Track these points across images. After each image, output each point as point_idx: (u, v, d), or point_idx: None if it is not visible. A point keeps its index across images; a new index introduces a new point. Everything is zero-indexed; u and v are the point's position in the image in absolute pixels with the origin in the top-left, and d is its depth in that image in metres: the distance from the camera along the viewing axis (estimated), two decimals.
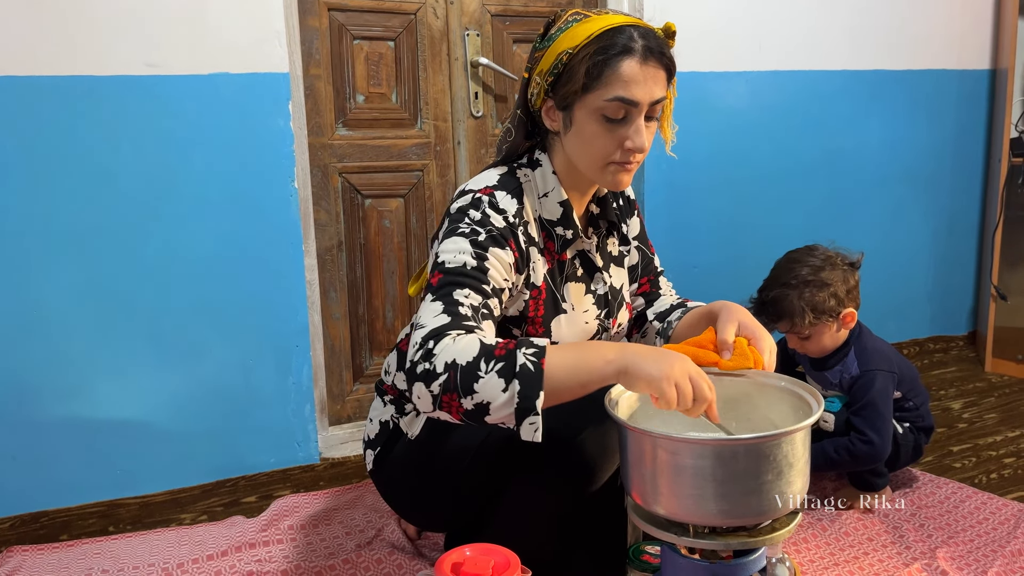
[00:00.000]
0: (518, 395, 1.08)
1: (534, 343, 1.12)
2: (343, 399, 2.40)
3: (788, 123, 2.77)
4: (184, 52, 1.97)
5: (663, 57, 1.25)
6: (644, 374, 1.09)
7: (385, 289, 2.42)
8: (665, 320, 1.53)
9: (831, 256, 1.86)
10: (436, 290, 1.20)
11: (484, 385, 1.08)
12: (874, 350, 1.88)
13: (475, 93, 2.44)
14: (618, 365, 1.10)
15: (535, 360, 1.09)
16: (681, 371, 1.09)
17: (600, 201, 1.47)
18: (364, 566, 1.67)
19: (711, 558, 1.17)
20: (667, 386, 1.07)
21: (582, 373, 1.11)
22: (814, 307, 1.80)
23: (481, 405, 1.09)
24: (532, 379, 1.08)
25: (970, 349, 3.17)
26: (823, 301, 1.80)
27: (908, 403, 1.91)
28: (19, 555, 1.76)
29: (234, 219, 2.07)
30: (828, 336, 1.86)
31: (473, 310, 1.19)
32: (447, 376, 1.09)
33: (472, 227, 1.25)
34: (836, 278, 1.82)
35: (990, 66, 3.06)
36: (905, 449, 1.89)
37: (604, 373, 1.11)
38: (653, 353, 1.11)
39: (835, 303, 1.81)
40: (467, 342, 1.11)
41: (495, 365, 1.09)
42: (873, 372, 1.83)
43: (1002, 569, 1.60)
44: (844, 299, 1.83)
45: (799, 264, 1.84)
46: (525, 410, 1.08)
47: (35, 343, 1.92)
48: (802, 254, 1.87)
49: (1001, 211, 2.90)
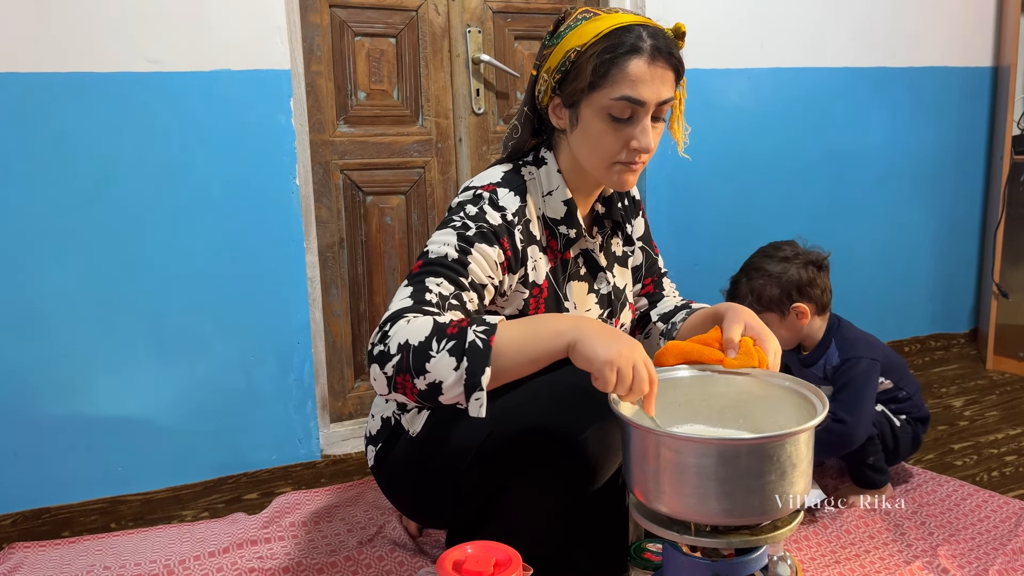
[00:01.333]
0: (466, 372, 1.08)
1: (486, 320, 1.12)
2: (344, 396, 2.40)
3: (790, 120, 2.76)
4: (185, 49, 1.97)
5: (671, 57, 1.24)
6: (590, 351, 1.09)
7: (386, 286, 2.42)
8: (669, 321, 1.53)
9: (790, 251, 1.89)
10: (412, 277, 1.22)
11: (436, 364, 1.09)
12: (856, 339, 1.91)
13: (476, 90, 2.44)
14: (568, 338, 1.11)
15: (484, 337, 1.09)
16: (627, 358, 1.09)
17: (606, 201, 1.47)
18: (365, 563, 1.67)
19: (713, 556, 1.17)
20: (608, 369, 1.07)
21: (532, 348, 1.11)
22: (758, 296, 1.86)
23: (433, 385, 1.09)
24: (480, 356, 1.08)
25: (971, 347, 3.17)
26: (763, 288, 1.86)
27: (901, 393, 1.92)
28: (21, 551, 1.77)
29: (235, 216, 2.06)
30: (785, 329, 1.88)
31: (441, 298, 1.19)
32: (400, 357, 1.10)
33: (464, 222, 1.26)
34: (786, 271, 1.85)
35: (992, 63, 3.06)
36: (904, 441, 1.89)
37: (555, 346, 1.11)
38: (606, 333, 1.11)
39: (779, 294, 1.85)
40: (420, 323, 1.12)
41: (446, 344, 1.09)
42: (856, 359, 1.85)
43: (1003, 567, 1.60)
44: (792, 293, 1.85)
45: (759, 255, 1.91)
46: (471, 387, 1.08)
47: (37, 340, 1.92)
48: (769, 246, 1.93)
49: (1003, 209, 2.89)
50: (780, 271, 1.86)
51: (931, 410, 2.49)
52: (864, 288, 2.95)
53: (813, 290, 1.87)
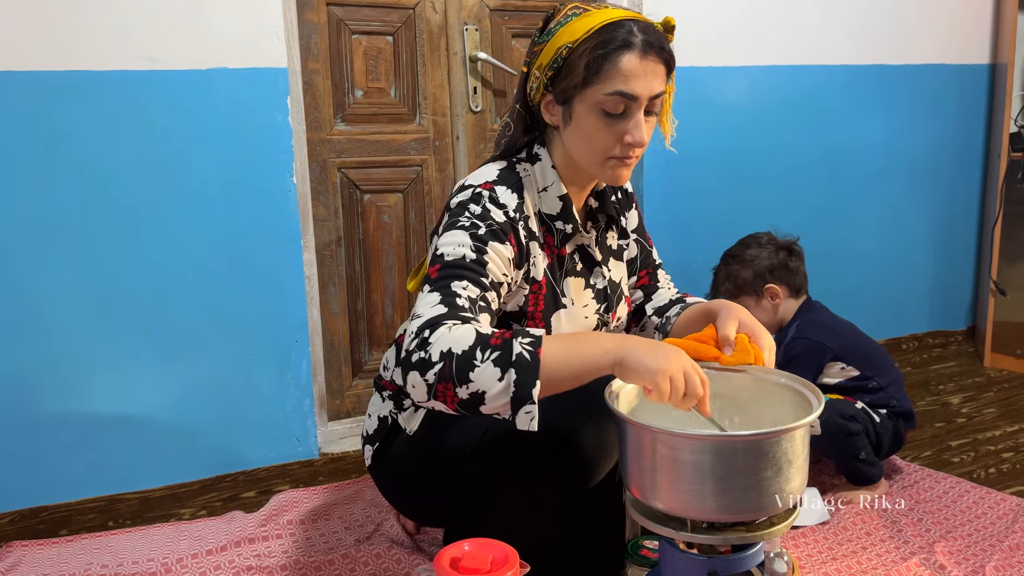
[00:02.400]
0: (514, 384, 1.07)
1: (531, 333, 1.12)
2: (342, 394, 2.40)
3: (787, 118, 2.76)
4: (182, 47, 1.97)
5: (662, 51, 1.24)
6: (640, 366, 1.09)
7: (384, 284, 2.42)
8: (664, 315, 1.53)
9: (762, 238, 2.08)
10: (434, 282, 1.20)
11: (480, 374, 1.08)
12: (815, 323, 2.00)
13: (474, 88, 2.44)
14: (614, 356, 1.10)
15: (531, 349, 1.09)
16: (677, 365, 1.09)
17: (599, 195, 1.47)
18: (363, 561, 1.67)
19: (709, 553, 1.17)
20: (662, 379, 1.07)
21: (578, 363, 1.11)
22: (733, 280, 2.05)
23: (476, 394, 1.09)
24: (529, 368, 1.08)
25: (969, 344, 3.17)
26: (736, 273, 2.04)
27: (871, 383, 1.92)
28: (19, 550, 1.77)
29: (233, 214, 2.06)
30: (760, 311, 2.03)
31: (471, 302, 1.19)
32: (442, 365, 1.09)
33: (472, 221, 1.25)
34: (758, 256, 2.03)
35: (990, 61, 3.06)
36: (885, 437, 1.89)
37: (600, 364, 1.11)
38: (650, 346, 1.11)
39: (753, 277, 2.02)
40: (463, 331, 1.11)
41: (491, 354, 1.08)
42: (798, 340, 1.96)
43: (1000, 563, 1.60)
44: (765, 275, 2.02)
45: (737, 245, 2.10)
46: (521, 399, 1.08)
47: (34, 339, 1.92)
48: (747, 236, 2.11)
49: (1000, 206, 2.90)
50: (753, 255, 2.05)
51: (928, 407, 2.50)
52: (862, 285, 2.95)
53: (784, 272, 2.03)
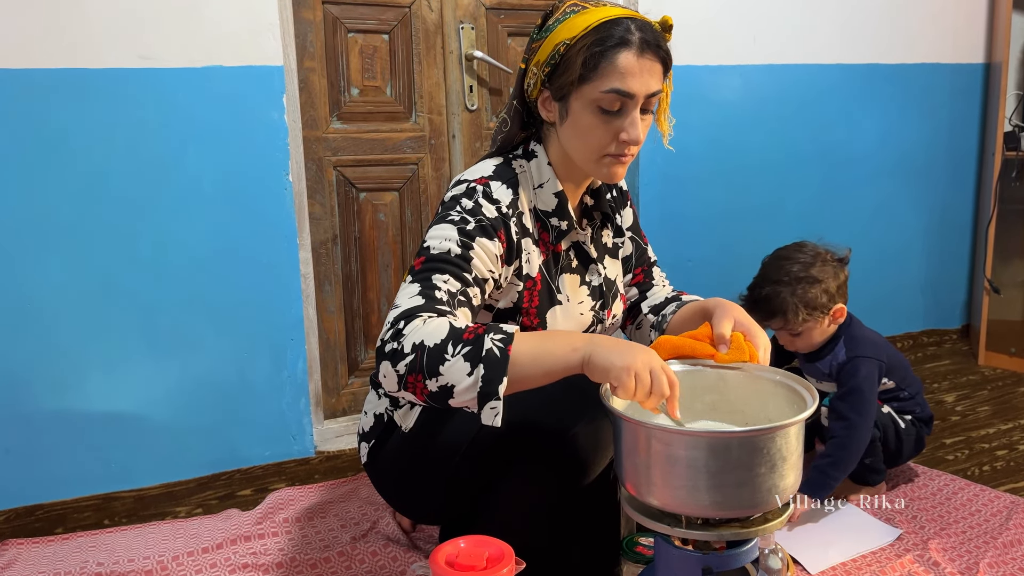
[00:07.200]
0: (482, 380, 1.08)
1: (503, 329, 1.12)
2: (338, 392, 2.40)
3: (782, 117, 2.77)
4: (178, 45, 1.97)
5: (659, 50, 1.25)
6: (606, 362, 1.09)
7: (380, 282, 2.42)
8: (660, 313, 1.53)
9: (820, 252, 1.86)
10: (417, 273, 1.21)
11: (449, 368, 1.09)
12: (862, 338, 1.90)
13: (470, 86, 2.44)
14: (583, 353, 1.11)
15: (502, 346, 1.09)
16: (643, 363, 1.09)
17: (594, 192, 1.47)
18: (359, 558, 1.67)
19: (704, 549, 1.17)
20: (627, 376, 1.08)
21: (548, 360, 1.12)
22: (807, 303, 1.81)
23: (445, 388, 1.10)
24: (497, 364, 1.08)
25: (963, 342, 3.18)
26: (815, 297, 1.81)
27: (903, 392, 1.92)
28: (15, 548, 1.76)
29: (228, 212, 2.06)
30: (818, 332, 1.87)
31: (450, 295, 1.19)
32: (413, 356, 1.10)
33: (462, 215, 1.26)
34: (827, 274, 1.83)
35: (984, 60, 3.07)
36: (908, 443, 1.89)
37: (569, 361, 1.12)
38: (619, 344, 1.12)
39: (827, 299, 1.82)
40: (436, 324, 1.12)
41: (462, 349, 1.09)
42: (859, 359, 1.84)
43: (994, 560, 1.61)
44: (835, 295, 1.84)
45: (789, 261, 1.85)
46: (487, 395, 1.09)
47: (29, 337, 1.91)
48: (791, 251, 1.88)
49: (994, 205, 2.91)
50: (820, 275, 1.82)
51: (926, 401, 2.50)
52: (856, 284, 2.93)
53: (846, 288, 1.87)
